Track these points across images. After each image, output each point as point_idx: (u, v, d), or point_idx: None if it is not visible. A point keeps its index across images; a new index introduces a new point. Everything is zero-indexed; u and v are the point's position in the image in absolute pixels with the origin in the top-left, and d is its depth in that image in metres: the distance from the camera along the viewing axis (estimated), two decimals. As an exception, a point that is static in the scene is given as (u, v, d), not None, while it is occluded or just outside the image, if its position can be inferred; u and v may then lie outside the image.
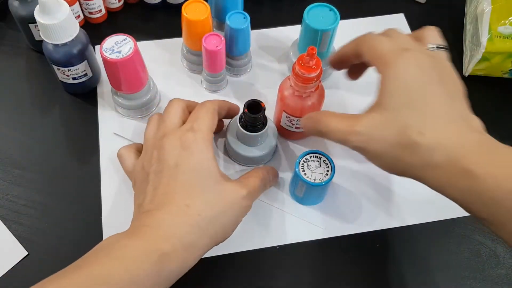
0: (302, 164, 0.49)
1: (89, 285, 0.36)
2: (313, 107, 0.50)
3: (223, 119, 0.55)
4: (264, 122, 0.50)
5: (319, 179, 0.48)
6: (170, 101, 0.50)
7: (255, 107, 0.48)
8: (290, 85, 0.49)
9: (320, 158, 0.49)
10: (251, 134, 0.50)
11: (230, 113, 0.52)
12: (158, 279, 0.38)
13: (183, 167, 0.43)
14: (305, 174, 0.48)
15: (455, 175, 0.37)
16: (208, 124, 0.46)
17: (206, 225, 0.41)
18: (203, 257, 0.49)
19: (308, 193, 0.50)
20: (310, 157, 0.49)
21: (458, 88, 0.41)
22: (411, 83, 0.39)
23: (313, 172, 0.48)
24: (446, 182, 0.37)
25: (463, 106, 0.40)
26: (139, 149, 0.51)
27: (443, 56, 0.43)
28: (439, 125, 0.38)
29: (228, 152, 0.54)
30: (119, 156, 0.51)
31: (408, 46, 0.41)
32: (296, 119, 0.52)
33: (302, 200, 0.52)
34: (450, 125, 0.38)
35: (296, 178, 0.49)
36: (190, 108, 0.50)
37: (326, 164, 0.49)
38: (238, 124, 0.50)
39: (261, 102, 0.48)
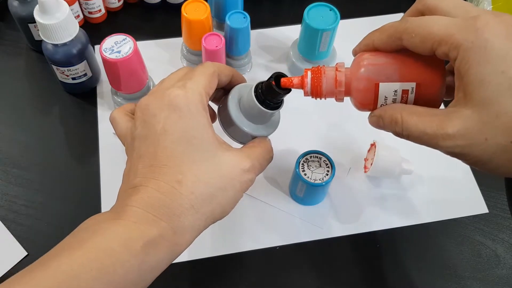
0: (302, 164, 0.49)
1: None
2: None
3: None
4: (282, 100, 0.41)
5: (319, 179, 0.48)
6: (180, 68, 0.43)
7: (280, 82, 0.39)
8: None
9: (320, 158, 0.49)
10: (266, 111, 0.40)
11: (233, 81, 0.43)
12: (142, 271, 0.33)
13: (172, 133, 0.36)
14: (305, 174, 0.48)
15: None
16: (203, 84, 0.38)
17: (201, 205, 0.36)
18: (203, 257, 0.49)
19: (308, 193, 0.50)
20: (310, 157, 0.49)
21: None
22: (503, 61, 0.30)
23: (313, 172, 0.48)
24: None
25: None
26: (133, 111, 0.43)
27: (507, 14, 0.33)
28: None
29: (223, 125, 0.43)
30: (112, 120, 0.42)
31: (472, 12, 0.33)
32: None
33: (302, 200, 0.52)
34: None
35: (296, 178, 0.49)
36: None
37: (326, 164, 0.49)
38: (253, 96, 0.40)
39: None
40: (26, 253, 0.49)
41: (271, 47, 0.64)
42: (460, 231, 0.52)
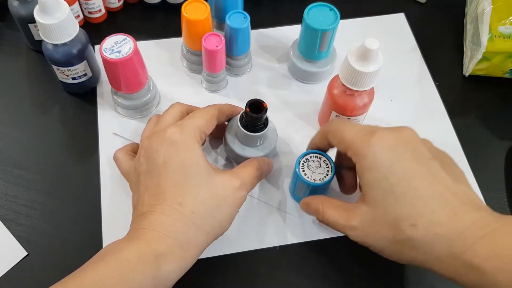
0: (302, 164, 0.49)
1: None
2: (364, 106, 0.51)
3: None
4: (265, 122, 0.49)
5: (319, 179, 0.48)
6: (172, 104, 0.50)
7: (257, 107, 0.47)
8: (342, 84, 0.49)
9: (320, 158, 0.49)
10: (251, 135, 0.49)
11: (235, 113, 0.51)
12: (156, 280, 0.38)
13: (171, 164, 0.42)
14: (305, 174, 0.48)
15: (462, 269, 0.35)
16: (197, 124, 0.45)
17: (201, 222, 0.41)
18: (203, 257, 0.49)
19: (308, 193, 0.50)
20: (310, 157, 0.49)
21: (434, 159, 0.39)
22: (387, 169, 0.38)
23: (313, 172, 0.48)
24: (455, 275, 0.36)
25: (445, 178, 0.38)
26: (134, 150, 0.51)
27: (408, 129, 0.41)
28: (429, 211, 0.36)
29: (227, 152, 0.53)
30: (115, 159, 0.51)
31: (373, 128, 0.41)
32: (346, 117, 0.52)
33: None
34: (442, 208, 0.37)
35: (296, 178, 0.49)
36: (190, 112, 0.49)
37: (326, 164, 0.49)
38: (239, 124, 0.48)
39: (264, 102, 0.47)
40: (26, 253, 0.49)
41: (271, 47, 0.64)
42: (460, 231, 0.52)
